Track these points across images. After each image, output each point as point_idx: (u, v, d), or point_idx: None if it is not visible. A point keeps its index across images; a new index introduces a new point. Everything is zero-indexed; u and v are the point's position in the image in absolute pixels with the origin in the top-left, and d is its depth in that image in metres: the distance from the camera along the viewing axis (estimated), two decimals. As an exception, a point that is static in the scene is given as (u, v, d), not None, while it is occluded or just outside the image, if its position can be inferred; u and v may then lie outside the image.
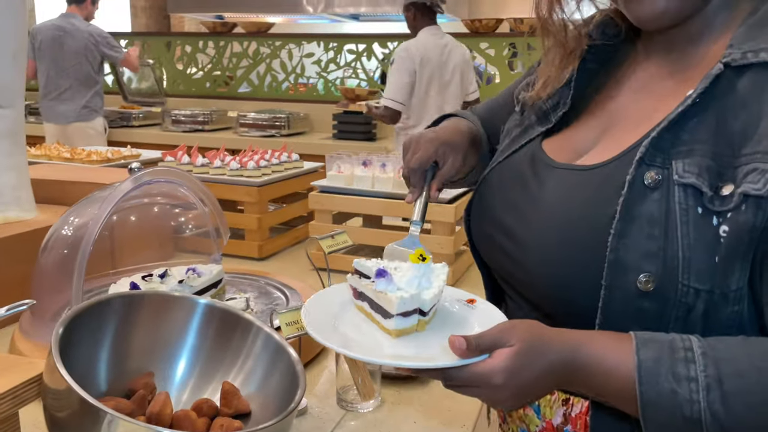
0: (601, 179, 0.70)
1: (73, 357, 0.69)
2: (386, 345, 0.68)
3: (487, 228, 0.83)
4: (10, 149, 1.28)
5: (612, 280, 0.65)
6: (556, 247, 0.70)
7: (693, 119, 0.65)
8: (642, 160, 0.66)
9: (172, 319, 0.81)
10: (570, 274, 0.69)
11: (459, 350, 0.61)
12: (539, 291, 0.74)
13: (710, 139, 0.64)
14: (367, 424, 0.88)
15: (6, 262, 1.18)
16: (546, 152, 0.81)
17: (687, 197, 0.63)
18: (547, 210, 0.74)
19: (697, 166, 0.63)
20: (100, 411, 0.60)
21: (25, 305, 0.76)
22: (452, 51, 3.19)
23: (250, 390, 0.81)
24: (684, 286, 0.62)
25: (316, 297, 0.76)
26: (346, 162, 1.53)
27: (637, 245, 0.64)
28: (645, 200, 0.65)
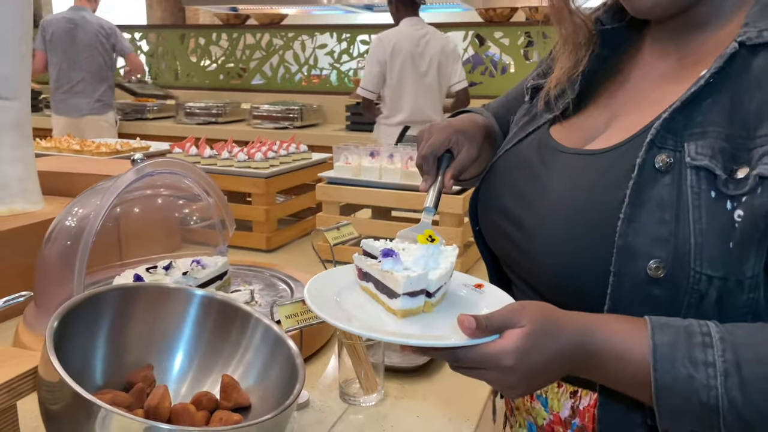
0: (610, 163, 0.68)
1: (69, 350, 0.69)
2: (391, 324, 0.66)
3: (494, 215, 0.81)
4: (16, 141, 1.28)
5: (621, 267, 0.63)
6: (563, 234, 0.68)
7: (706, 100, 0.63)
8: (653, 142, 0.64)
9: (169, 311, 0.80)
10: (577, 261, 0.67)
11: (468, 329, 0.59)
12: (546, 279, 0.73)
13: (724, 121, 0.62)
14: (369, 418, 0.86)
15: (12, 254, 1.18)
16: (554, 138, 0.79)
17: (699, 180, 0.61)
18: (553, 196, 0.72)
19: (710, 148, 0.61)
20: (94, 405, 0.59)
21: (22, 297, 0.75)
22: (430, 42, 3.19)
23: (249, 383, 0.80)
24: (696, 273, 0.60)
25: (321, 276, 0.74)
26: (353, 153, 1.51)
27: (647, 230, 0.62)
28: (656, 184, 0.62)
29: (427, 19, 3.46)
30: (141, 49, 5.09)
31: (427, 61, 3.18)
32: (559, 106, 0.80)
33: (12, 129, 1.27)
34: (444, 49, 3.22)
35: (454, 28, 4.15)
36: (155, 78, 5.09)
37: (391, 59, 3.17)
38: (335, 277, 0.75)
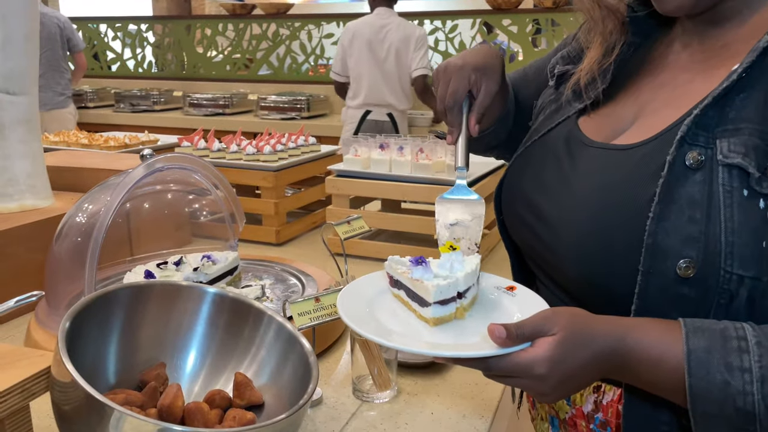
0: (639, 159, 0.66)
1: (82, 349, 0.68)
2: (424, 333, 0.67)
3: (518, 207, 0.80)
4: (24, 136, 1.28)
5: (650, 266, 0.61)
6: (590, 230, 0.67)
7: (739, 95, 0.61)
8: (683, 139, 0.62)
9: (181, 309, 0.79)
10: (604, 259, 0.66)
11: (499, 339, 0.58)
12: (571, 275, 0.71)
13: (758, 117, 0.60)
14: (383, 414, 0.86)
15: (23, 250, 1.18)
16: (582, 131, 0.77)
17: (732, 178, 0.59)
18: (579, 191, 0.71)
19: (744, 145, 0.59)
20: (107, 406, 0.59)
21: (34, 296, 0.75)
22: (391, 31, 3.35)
23: (262, 381, 0.79)
24: (726, 273, 0.59)
25: (352, 285, 0.75)
26: (362, 145, 1.50)
27: (677, 229, 0.60)
28: (686, 182, 0.61)
29: (434, 7, 3.45)
30: (147, 41, 5.08)
31: (385, 48, 3.35)
32: (590, 95, 0.78)
33: (20, 124, 1.27)
34: (406, 38, 3.36)
35: (462, 16, 4.11)
36: (161, 69, 5.08)
37: (350, 44, 3.38)
38: (366, 284, 0.76)
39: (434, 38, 4.14)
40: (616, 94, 0.78)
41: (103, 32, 5.15)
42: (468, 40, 4.08)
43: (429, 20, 4.16)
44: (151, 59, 5.11)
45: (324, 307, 0.83)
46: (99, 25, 5.15)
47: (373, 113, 3.40)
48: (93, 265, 0.92)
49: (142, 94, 4.54)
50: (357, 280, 0.77)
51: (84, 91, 4.58)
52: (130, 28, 5.10)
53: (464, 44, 4.08)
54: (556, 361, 0.58)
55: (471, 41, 4.09)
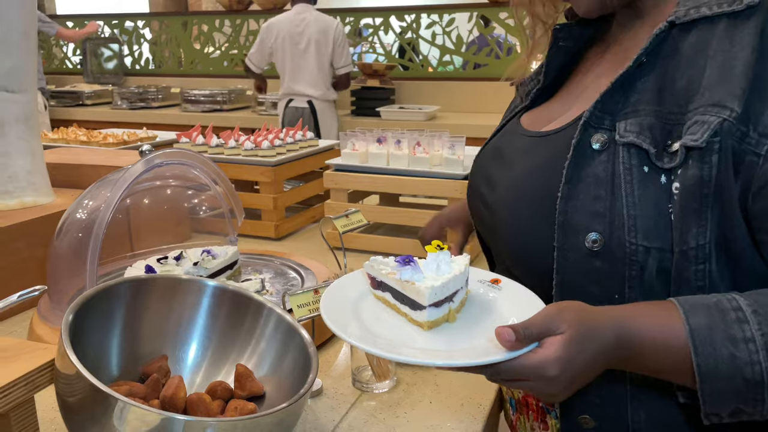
0: (553, 144, 0.72)
1: (85, 342, 0.70)
2: (418, 339, 0.64)
3: (474, 202, 0.86)
4: (24, 134, 1.28)
5: (563, 242, 0.66)
6: (514, 213, 0.73)
7: (641, 79, 0.66)
8: (588, 123, 0.67)
9: (182, 302, 0.80)
10: (528, 238, 0.71)
11: (508, 342, 0.57)
12: (507, 255, 0.77)
13: (654, 98, 0.65)
14: (382, 404, 0.87)
15: (24, 246, 1.19)
16: (522, 124, 0.83)
17: (631, 156, 0.64)
18: (510, 175, 0.76)
19: (638, 125, 0.64)
20: (111, 397, 0.60)
21: (36, 291, 0.76)
22: (309, 24, 3.55)
23: (263, 372, 0.81)
24: (632, 245, 0.63)
25: (330, 292, 0.72)
26: (360, 139, 1.51)
27: (585, 206, 0.65)
28: (592, 162, 0.66)
29: (431, 1, 3.46)
30: (144, 38, 5.07)
31: (305, 41, 3.55)
32: (528, 96, 0.86)
33: (19, 121, 1.27)
34: (324, 31, 3.55)
35: (459, 10, 4.11)
36: (159, 66, 5.07)
37: (267, 35, 3.61)
38: (344, 288, 0.73)
39: (431, 32, 4.14)
40: (556, 93, 0.85)
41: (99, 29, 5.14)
42: (465, 34, 4.08)
43: (426, 14, 4.16)
44: (148, 56, 5.11)
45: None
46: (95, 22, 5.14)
47: (294, 101, 3.62)
48: (94, 261, 0.93)
49: (140, 91, 4.54)
50: (336, 282, 0.74)
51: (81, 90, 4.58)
52: (127, 24, 5.10)
53: (461, 38, 4.08)
54: (567, 360, 0.57)
55: (468, 35, 4.09)
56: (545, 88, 0.85)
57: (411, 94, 4.17)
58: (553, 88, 0.85)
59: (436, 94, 4.10)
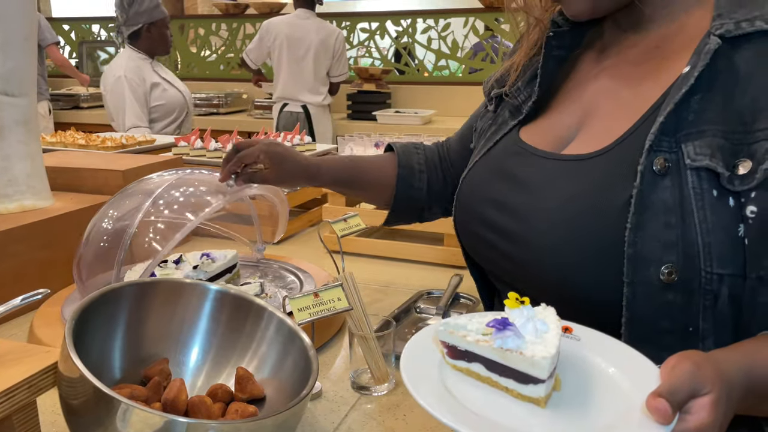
0: (602, 168, 0.68)
1: (88, 345, 0.70)
2: (536, 422, 0.53)
3: (476, 228, 0.80)
4: (23, 137, 1.29)
5: (634, 276, 0.62)
6: (564, 242, 0.67)
7: (694, 97, 0.63)
8: (651, 147, 0.63)
9: (184, 305, 0.81)
10: (582, 269, 0.66)
11: (664, 415, 0.49)
12: (551, 290, 0.69)
13: (718, 117, 0.62)
14: (381, 407, 0.88)
15: (23, 250, 1.19)
16: (526, 142, 0.78)
17: (701, 180, 0.61)
18: (547, 206, 0.70)
19: (709, 147, 0.61)
20: (114, 399, 0.60)
21: (39, 294, 0.76)
22: (310, 32, 3.55)
23: (264, 375, 0.81)
24: (707, 273, 0.60)
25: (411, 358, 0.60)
26: (358, 144, 1.52)
27: (655, 236, 0.61)
28: (656, 188, 0.62)
29: (427, 6, 3.48)
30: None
31: (304, 48, 3.55)
32: (522, 111, 0.81)
33: (19, 125, 1.28)
34: (324, 43, 3.56)
35: (454, 15, 4.14)
36: (155, 69, 5.07)
37: (267, 36, 3.62)
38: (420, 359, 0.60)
39: (427, 36, 4.17)
40: (553, 105, 0.80)
41: (96, 32, 5.14)
42: (461, 39, 4.10)
43: (422, 19, 4.18)
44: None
45: (323, 303, 0.85)
46: (91, 26, 5.15)
47: (289, 105, 3.65)
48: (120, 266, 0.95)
49: (136, 94, 4.54)
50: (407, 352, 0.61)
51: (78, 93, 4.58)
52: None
53: (456, 43, 4.10)
54: (720, 423, 0.52)
55: (463, 39, 4.12)
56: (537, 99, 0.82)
57: (407, 98, 4.19)
58: (545, 97, 0.82)
59: (431, 99, 4.12)
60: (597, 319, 0.64)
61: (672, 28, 0.70)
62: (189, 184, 1.13)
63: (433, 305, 1.16)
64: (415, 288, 1.23)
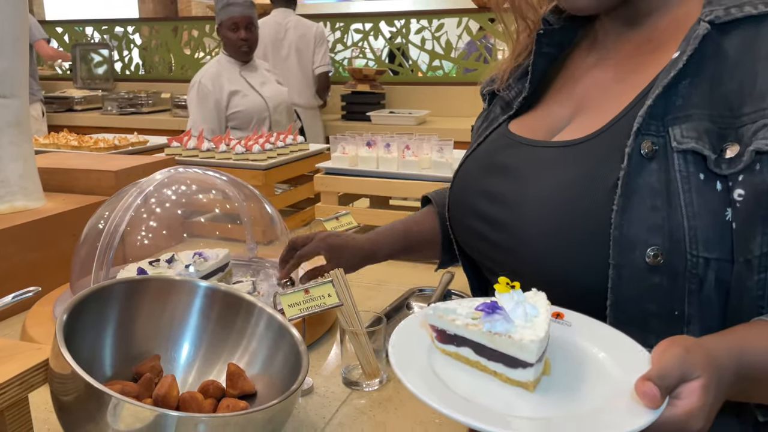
0: (590, 153, 0.68)
1: (79, 342, 0.71)
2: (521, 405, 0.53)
3: (469, 220, 0.80)
4: (15, 139, 1.29)
5: (620, 258, 0.62)
6: (554, 228, 0.67)
7: (682, 82, 0.63)
8: (639, 130, 0.63)
9: (174, 302, 0.82)
10: (573, 254, 0.66)
11: (654, 400, 0.49)
12: (539, 276, 0.68)
13: (705, 102, 0.62)
14: (372, 402, 0.88)
15: (15, 251, 1.19)
16: (515, 133, 0.78)
17: (687, 164, 0.61)
18: (536, 193, 0.70)
19: (695, 130, 0.61)
20: (105, 394, 0.61)
21: (30, 292, 0.77)
22: (290, 30, 3.50)
23: (254, 371, 0.82)
24: (693, 257, 0.60)
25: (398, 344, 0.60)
26: (350, 143, 1.53)
27: (641, 219, 0.61)
28: (643, 171, 0.62)
29: (420, 7, 3.48)
30: (134, 43, 5.07)
31: (286, 46, 3.52)
32: (513, 106, 0.82)
33: (11, 126, 1.28)
34: (304, 36, 3.52)
35: (448, 15, 4.15)
36: (148, 72, 5.07)
37: None
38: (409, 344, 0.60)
39: (421, 37, 4.17)
40: (544, 99, 0.81)
41: (89, 35, 5.14)
42: (454, 39, 4.11)
43: (416, 19, 4.19)
44: (138, 61, 5.10)
45: (314, 299, 0.86)
46: (84, 28, 5.14)
47: None
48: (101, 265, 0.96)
49: (130, 96, 4.54)
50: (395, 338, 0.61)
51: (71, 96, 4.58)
52: (117, 30, 5.09)
53: (450, 43, 4.11)
54: (710, 407, 0.52)
55: (457, 40, 4.13)
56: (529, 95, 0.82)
57: (401, 99, 4.20)
58: (535, 94, 0.83)
59: (425, 99, 4.13)
60: (583, 301, 0.65)
61: (665, 21, 0.71)
62: (181, 182, 1.14)
63: (424, 302, 1.17)
64: (406, 286, 1.24)
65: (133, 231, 1.12)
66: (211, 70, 2.66)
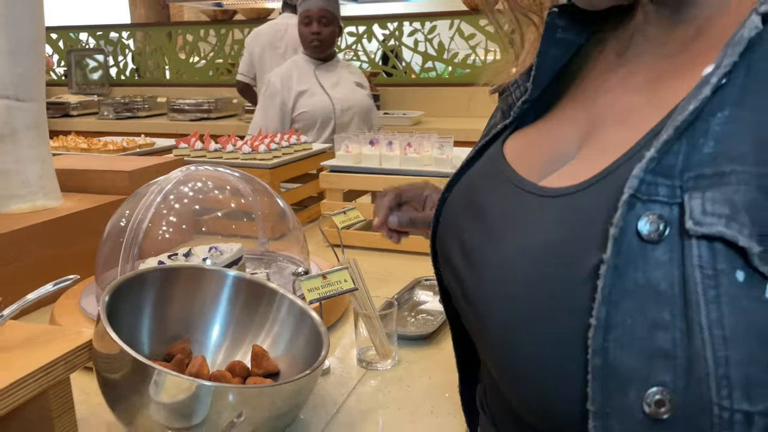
0: (572, 215, 0.44)
1: (119, 324, 0.76)
2: None
3: (445, 270, 0.60)
4: (34, 141, 1.34)
5: (603, 402, 0.39)
6: (511, 325, 0.45)
7: (717, 116, 0.39)
8: (634, 197, 0.39)
9: (204, 290, 0.88)
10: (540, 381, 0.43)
11: None
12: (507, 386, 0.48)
13: (754, 151, 0.37)
14: (386, 381, 0.95)
15: (35, 248, 1.25)
16: (507, 159, 0.56)
17: (715, 256, 0.37)
18: (496, 256, 0.49)
19: (729, 202, 0.37)
20: (150, 368, 0.67)
21: (69, 280, 0.82)
22: (288, 29, 3.48)
23: (277, 352, 0.88)
24: (723, 409, 0.36)
25: None
26: (354, 142, 1.59)
27: (638, 341, 0.38)
28: (644, 263, 0.38)
29: (411, 9, 3.55)
30: (129, 48, 5.12)
31: (284, 45, 3.51)
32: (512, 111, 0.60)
33: (30, 129, 1.33)
34: None
35: (440, 18, 4.22)
36: (144, 76, 5.12)
37: (253, 43, 3.55)
38: None
39: (414, 39, 4.25)
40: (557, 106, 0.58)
41: (84, 41, 5.18)
42: (447, 41, 4.19)
43: (408, 22, 4.26)
44: (133, 66, 5.15)
45: (331, 284, 0.92)
46: (79, 34, 5.18)
47: None
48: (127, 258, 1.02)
49: (126, 101, 4.58)
50: None
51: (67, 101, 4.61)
52: (111, 35, 5.13)
53: (443, 45, 4.18)
54: None
55: (449, 42, 4.20)
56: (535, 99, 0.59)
57: (395, 100, 4.27)
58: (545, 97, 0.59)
59: (419, 100, 4.20)
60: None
61: (720, 11, 0.46)
62: (196, 179, 1.20)
63: (429, 291, 1.23)
64: (412, 276, 1.30)
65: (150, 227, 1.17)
66: (284, 68, 2.57)
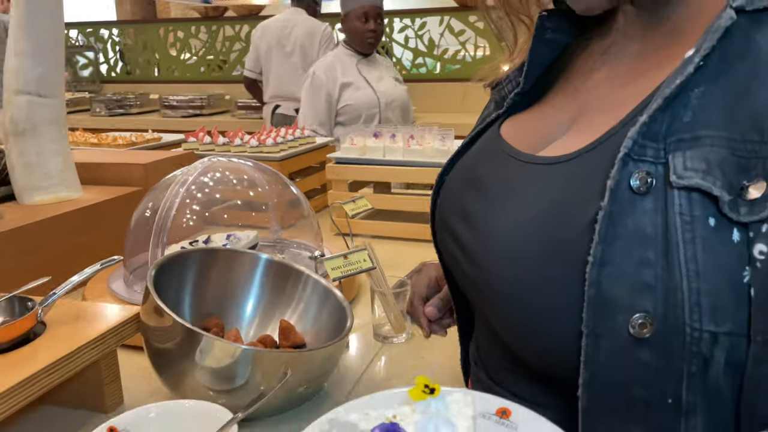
0: (570, 177, 0.52)
1: (164, 298, 0.84)
2: None
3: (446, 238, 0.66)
4: (55, 136, 1.41)
5: (595, 324, 0.46)
6: (519, 276, 0.52)
7: (695, 90, 0.47)
8: (628, 156, 0.47)
9: (238, 270, 0.96)
10: (541, 316, 0.51)
11: None
12: (509, 334, 0.56)
13: (723, 120, 0.45)
14: (400, 353, 1.03)
15: (60, 237, 1.31)
16: (505, 139, 0.64)
17: (691, 204, 0.44)
18: (504, 223, 0.55)
19: (704, 160, 0.44)
20: (198, 335, 0.75)
21: (113, 261, 0.90)
22: (297, 26, 3.52)
23: (304, 327, 0.96)
24: (694, 330, 0.44)
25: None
26: (358, 134, 1.67)
27: (627, 275, 0.45)
28: (633, 211, 0.46)
29: (402, 6, 3.62)
30: (120, 45, 5.14)
31: (291, 42, 3.52)
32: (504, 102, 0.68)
33: (51, 124, 1.40)
34: (310, 34, 3.53)
35: (430, 14, 4.30)
36: (134, 73, 5.15)
37: (260, 39, 3.56)
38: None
39: (404, 36, 4.33)
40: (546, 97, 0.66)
41: (74, 38, 5.19)
42: (437, 37, 4.27)
43: (399, 18, 4.34)
44: (123, 63, 5.17)
45: (351, 263, 1.00)
46: (69, 31, 5.19)
47: (281, 107, 3.52)
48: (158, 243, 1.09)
49: (118, 98, 4.61)
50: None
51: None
52: (101, 32, 5.15)
53: (433, 41, 4.27)
54: None
55: (439, 38, 4.29)
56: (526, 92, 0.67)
57: (386, 96, 4.34)
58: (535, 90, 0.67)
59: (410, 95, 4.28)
60: (555, 376, 0.53)
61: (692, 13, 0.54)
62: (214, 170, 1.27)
63: (435, 273, 1.32)
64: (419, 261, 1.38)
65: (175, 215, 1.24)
66: (326, 61, 2.61)
